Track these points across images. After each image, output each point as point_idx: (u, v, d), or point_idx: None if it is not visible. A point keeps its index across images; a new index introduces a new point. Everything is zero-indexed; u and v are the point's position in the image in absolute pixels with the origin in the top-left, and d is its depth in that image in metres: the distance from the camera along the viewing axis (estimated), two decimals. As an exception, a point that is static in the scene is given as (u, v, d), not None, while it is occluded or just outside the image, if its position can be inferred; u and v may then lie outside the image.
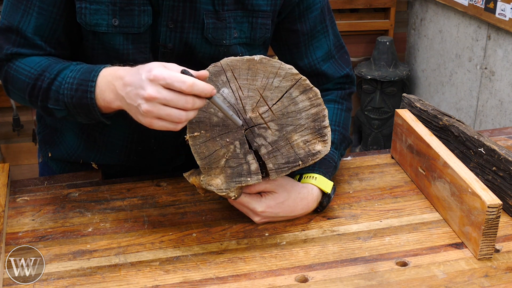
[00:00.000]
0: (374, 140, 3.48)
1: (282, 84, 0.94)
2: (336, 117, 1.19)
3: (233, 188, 0.96)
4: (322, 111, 0.96)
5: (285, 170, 0.97)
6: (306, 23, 1.16)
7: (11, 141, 3.17)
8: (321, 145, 0.97)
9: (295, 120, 0.96)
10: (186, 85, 0.84)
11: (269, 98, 0.95)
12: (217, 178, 0.96)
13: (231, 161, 0.95)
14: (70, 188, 1.17)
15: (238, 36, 1.10)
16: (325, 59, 1.19)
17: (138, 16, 1.03)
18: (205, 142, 0.95)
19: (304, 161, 0.97)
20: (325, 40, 1.18)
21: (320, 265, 0.95)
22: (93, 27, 1.03)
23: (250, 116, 0.95)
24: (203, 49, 1.09)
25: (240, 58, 0.93)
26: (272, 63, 0.94)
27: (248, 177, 0.96)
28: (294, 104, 0.95)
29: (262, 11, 1.09)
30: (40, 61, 1.04)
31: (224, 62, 0.94)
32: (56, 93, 1.01)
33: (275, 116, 0.95)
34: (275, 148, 0.96)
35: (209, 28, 1.07)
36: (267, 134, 0.96)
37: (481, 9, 2.76)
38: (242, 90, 0.94)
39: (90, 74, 0.98)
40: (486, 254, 0.96)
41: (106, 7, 1.02)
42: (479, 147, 1.12)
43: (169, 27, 1.05)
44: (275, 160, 0.97)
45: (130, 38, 1.04)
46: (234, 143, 0.95)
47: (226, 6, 1.07)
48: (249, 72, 0.94)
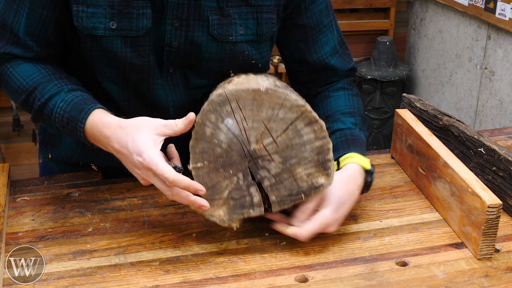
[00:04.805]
0: (374, 140, 3.48)
1: (287, 115, 0.92)
2: (350, 102, 1.18)
3: (235, 220, 0.96)
4: (327, 144, 0.95)
5: (287, 202, 0.96)
6: (312, 18, 1.15)
7: (11, 141, 3.17)
8: (324, 178, 0.96)
9: (299, 153, 0.94)
10: (168, 181, 0.88)
11: (274, 129, 0.93)
12: (220, 209, 0.96)
13: (234, 192, 0.95)
14: (70, 188, 1.17)
15: (245, 33, 1.09)
16: (332, 54, 1.19)
17: (136, 19, 1.02)
18: (208, 173, 0.94)
19: (306, 194, 0.96)
20: (331, 35, 1.18)
21: (320, 265, 0.95)
22: (90, 30, 1.02)
23: (254, 147, 0.93)
24: (209, 47, 1.08)
25: (245, 88, 0.92)
26: (278, 94, 0.92)
27: (251, 209, 0.96)
28: (299, 137, 0.94)
29: (266, 6, 1.09)
30: (32, 74, 1.04)
31: (229, 92, 0.92)
32: (48, 117, 1.02)
33: (279, 148, 0.94)
34: (278, 181, 0.95)
35: (214, 24, 1.06)
36: (270, 167, 0.95)
37: (481, 9, 2.76)
38: (246, 121, 0.92)
39: (79, 113, 0.99)
40: (486, 254, 0.96)
41: (104, 10, 1.01)
42: (479, 147, 1.12)
43: (174, 25, 1.04)
44: (277, 192, 0.96)
45: (128, 41, 1.04)
46: (237, 175, 0.94)
47: (230, 2, 1.06)
48: (254, 103, 0.92)
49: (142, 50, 1.05)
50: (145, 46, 1.05)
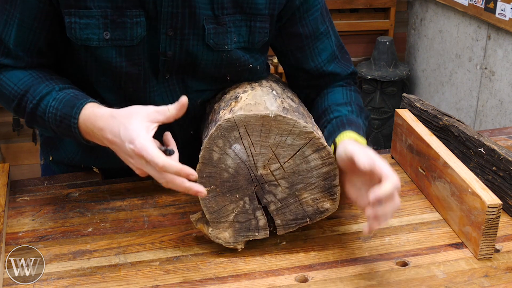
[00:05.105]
0: (374, 140, 3.48)
1: (295, 142, 0.92)
2: (347, 95, 1.16)
3: (240, 242, 0.97)
4: (333, 170, 0.95)
5: (292, 226, 0.98)
6: (308, 26, 1.14)
7: (11, 141, 3.17)
8: (330, 203, 0.97)
9: (306, 178, 0.95)
10: (158, 166, 0.86)
11: (281, 155, 0.93)
12: (225, 232, 0.96)
13: (240, 216, 0.95)
14: (70, 188, 1.17)
15: (237, 41, 1.08)
16: (330, 61, 1.18)
17: (130, 29, 1.01)
18: (215, 197, 0.94)
19: (311, 218, 0.98)
20: (328, 41, 1.17)
21: (320, 265, 0.95)
22: (84, 41, 1.01)
23: (261, 173, 0.94)
24: (205, 56, 1.07)
25: (254, 114, 0.91)
26: (286, 121, 0.91)
27: (256, 232, 0.97)
28: (306, 163, 0.94)
29: (260, 15, 1.08)
30: (23, 78, 1.03)
31: (238, 117, 0.91)
32: (41, 118, 1.00)
33: (286, 174, 0.94)
34: (284, 205, 0.96)
35: (210, 33, 1.05)
36: (277, 191, 0.95)
37: (481, 9, 2.76)
38: (254, 147, 0.92)
39: (72, 109, 0.97)
40: (486, 254, 0.96)
41: (97, 21, 0.99)
42: (479, 147, 1.12)
43: (169, 34, 1.03)
44: (283, 216, 0.97)
45: (123, 51, 1.02)
46: (243, 199, 0.95)
47: (226, 10, 1.05)
48: (263, 129, 0.91)
49: (137, 59, 1.04)
50: (139, 55, 1.04)
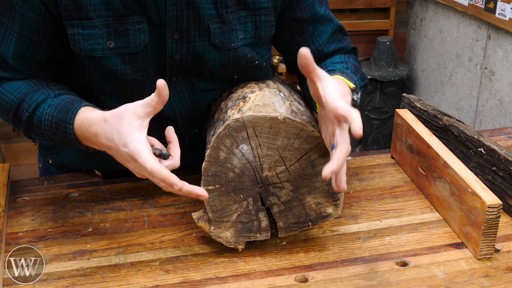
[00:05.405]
0: (374, 140, 3.48)
1: (302, 146, 0.92)
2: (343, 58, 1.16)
3: (241, 242, 0.97)
4: None
5: (294, 229, 0.98)
6: (306, 10, 1.15)
7: (11, 141, 3.17)
8: (333, 208, 0.97)
9: (310, 183, 0.95)
10: (147, 172, 0.84)
11: (288, 158, 0.93)
12: (227, 231, 0.96)
13: (243, 216, 0.96)
14: (70, 188, 1.17)
15: (244, 37, 1.09)
16: (330, 42, 1.19)
17: (133, 36, 1.01)
18: (219, 196, 0.94)
19: (314, 223, 0.98)
20: (327, 23, 1.18)
21: (320, 265, 0.95)
22: (89, 52, 1.00)
23: (266, 174, 0.94)
24: (211, 56, 1.07)
25: (263, 115, 0.91)
26: (295, 124, 0.91)
27: (258, 233, 0.97)
28: (312, 167, 0.94)
29: (264, 8, 1.08)
30: (19, 86, 1.02)
31: (247, 118, 0.91)
32: (38, 127, 1.00)
33: (291, 177, 0.94)
34: (287, 208, 0.96)
35: (215, 33, 1.05)
36: (281, 194, 0.95)
37: (481, 9, 2.76)
38: (261, 148, 0.92)
39: (66, 115, 0.96)
40: (486, 254, 0.96)
41: (100, 31, 0.99)
42: (479, 147, 1.12)
43: (175, 38, 1.03)
44: (285, 219, 0.97)
45: (127, 58, 1.02)
46: (247, 200, 0.95)
47: (229, 8, 1.05)
48: (271, 131, 0.91)
49: (141, 65, 1.04)
50: (143, 61, 1.04)
